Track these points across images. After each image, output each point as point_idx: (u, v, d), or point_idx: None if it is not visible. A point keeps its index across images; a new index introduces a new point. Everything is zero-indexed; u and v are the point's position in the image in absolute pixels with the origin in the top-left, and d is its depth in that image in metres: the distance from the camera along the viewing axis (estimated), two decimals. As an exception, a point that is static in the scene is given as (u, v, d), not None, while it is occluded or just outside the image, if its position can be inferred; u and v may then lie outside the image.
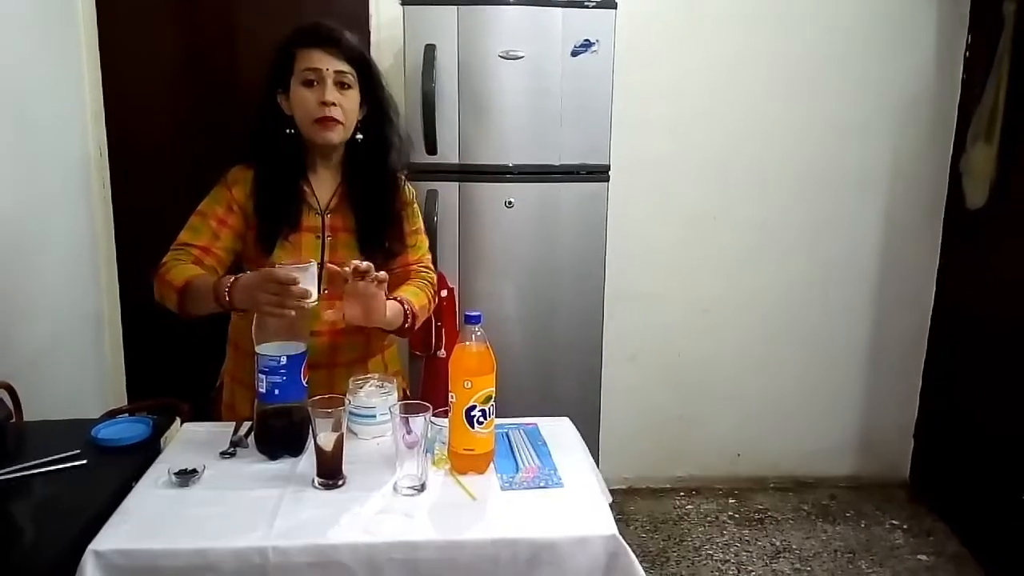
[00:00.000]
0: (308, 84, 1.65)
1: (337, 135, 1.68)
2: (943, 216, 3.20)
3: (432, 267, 1.91)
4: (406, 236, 1.82)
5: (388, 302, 1.63)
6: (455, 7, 2.40)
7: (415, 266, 1.85)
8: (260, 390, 1.48)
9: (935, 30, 3.07)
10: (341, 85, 1.66)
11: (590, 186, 2.54)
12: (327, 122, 1.66)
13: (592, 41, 2.44)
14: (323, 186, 1.75)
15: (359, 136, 1.73)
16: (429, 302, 1.80)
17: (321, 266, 1.69)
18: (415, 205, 1.88)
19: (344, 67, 1.66)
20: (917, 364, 3.34)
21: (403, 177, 1.84)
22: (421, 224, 1.88)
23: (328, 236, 1.73)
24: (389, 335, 1.81)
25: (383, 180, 1.77)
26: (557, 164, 2.51)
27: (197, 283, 1.56)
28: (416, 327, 1.72)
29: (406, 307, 1.67)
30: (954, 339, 3.16)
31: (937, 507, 3.17)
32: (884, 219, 3.22)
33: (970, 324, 3.04)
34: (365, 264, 1.54)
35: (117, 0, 2.79)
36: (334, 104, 1.64)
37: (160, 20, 2.86)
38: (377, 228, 1.75)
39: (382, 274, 1.57)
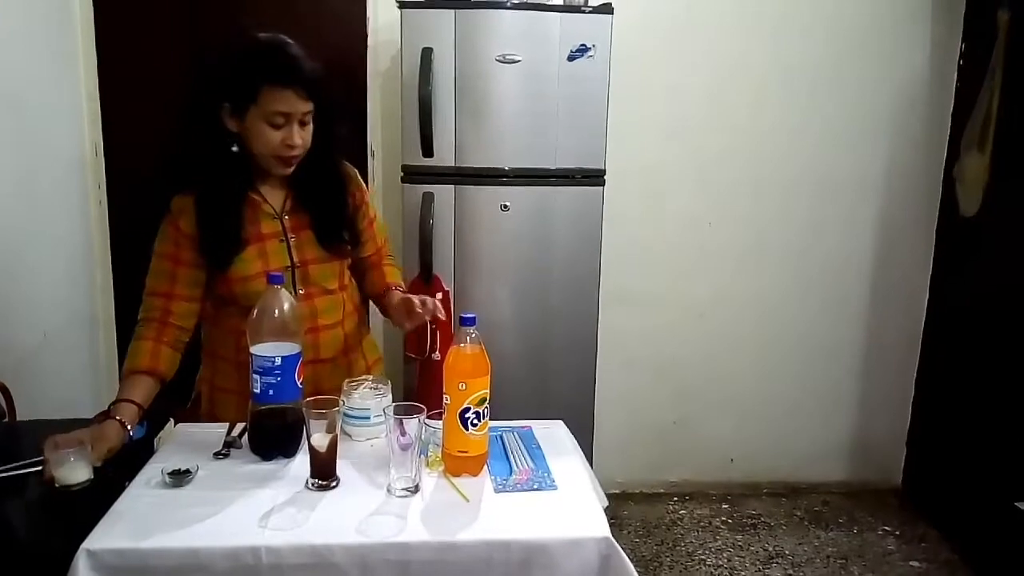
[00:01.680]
0: (274, 124, 1.60)
1: (294, 166, 1.68)
2: (936, 223, 3.22)
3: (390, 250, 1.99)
4: (368, 226, 1.86)
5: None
6: (452, 11, 2.40)
7: (383, 248, 1.94)
8: (254, 390, 1.48)
9: (929, 38, 3.09)
10: (302, 123, 1.63)
11: (586, 190, 2.55)
12: (289, 160, 1.65)
13: (589, 46, 2.44)
14: (273, 192, 1.73)
15: None
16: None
17: (293, 267, 1.72)
18: (367, 192, 1.89)
19: (308, 107, 1.62)
20: (910, 370, 3.36)
21: (347, 166, 1.83)
22: (375, 209, 1.93)
23: (292, 237, 1.73)
24: (364, 327, 1.91)
25: (332, 179, 1.77)
26: (553, 168, 2.52)
27: (126, 382, 1.61)
28: None
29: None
30: (947, 346, 3.18)
31: (930, 513, 3.18)
32: (878, 225, 3.24)
33: (963, 331, 3.05)
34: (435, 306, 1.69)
35: None
36: (299, 143, 1.63)
37: (157, 20, 2.86)
38: (334, 226, 1.77)
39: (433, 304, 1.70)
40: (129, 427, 1.53)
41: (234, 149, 1.64)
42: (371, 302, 1.96)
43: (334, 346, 1.79)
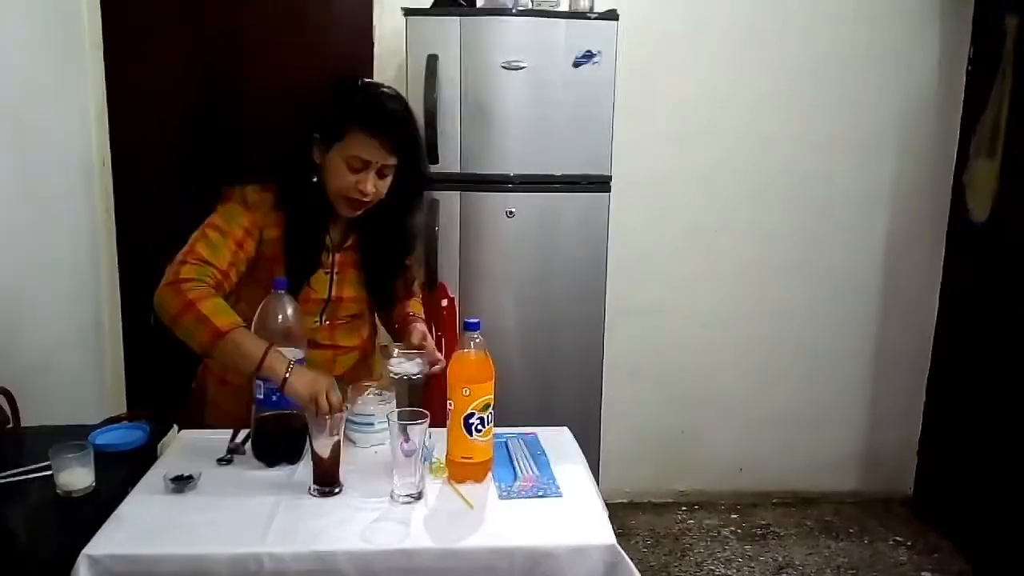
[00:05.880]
0: (351, 167, 1.61)
1: (360, 212, 1.69)
2: (946, 229, 3.19)
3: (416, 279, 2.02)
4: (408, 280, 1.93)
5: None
6: (458, 18, 2.41)
7: (412, 287, 1.97)
8: (258, 396, 1.48)
9: (937, 43, 3.08)
10: (381, 174, 1.64)
11: (591, 196, 2.54)
12: (356, 204, 1.65)
13: (594, 52, 2.44)
14: (336, 226, 1.76)
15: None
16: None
17: (328, 301, 1.74)
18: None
19: (391, 160, 1.63)
20: (921, 378, 3.32)
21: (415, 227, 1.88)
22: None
23: (336, 272, 1.75)
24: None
25: (401, 239, 1.81)
26: (558, 174, 2.51)
27: (240, 340, 1.46)
28: None
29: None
30: (958, 353, 3.15)
31: (942, 523, 3.14)
32: (887, 232, 3.22)
33: (974, 338, 3.02)
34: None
35: (122, 9, 2.81)
36: (371, 192, 1.63)
37: (165, 29, 2.87)
38: (385, 279, 1.82)
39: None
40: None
41: (314, 180, 1.65)
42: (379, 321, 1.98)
43: (348, 364, 1.82)
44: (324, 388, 1.42)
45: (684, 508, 3.30)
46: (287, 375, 1.43)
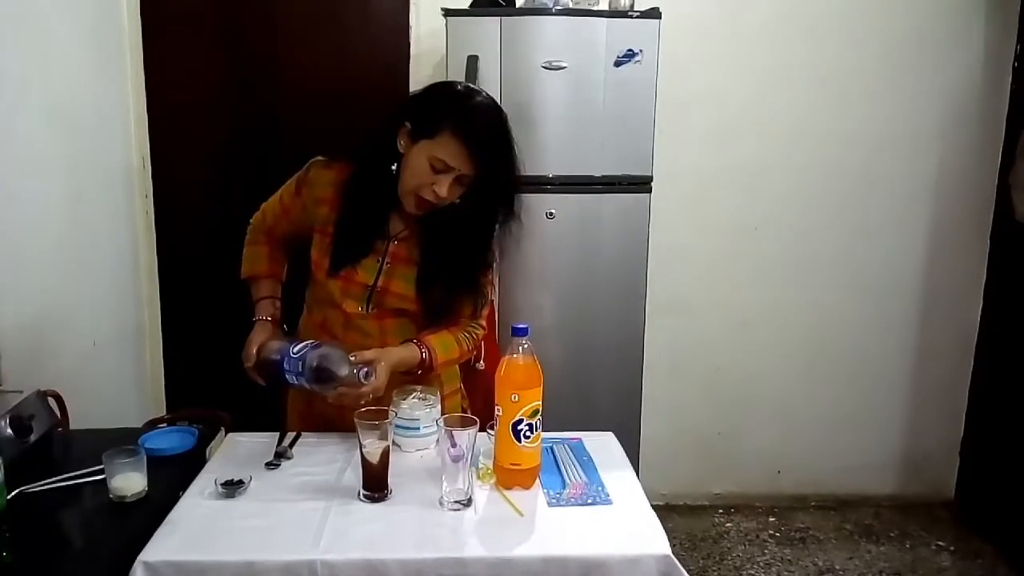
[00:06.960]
0: (433, 168, 1.56)
1: (424, 213, 1.64)
2: (991, 229, 3.13)
3: (483, 323, 1.82)
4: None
5: (406, 346, 1.63)
6: (498, 18, 2.39)
7: (469, 319, 1.78)
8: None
9: (983, 40, 3.01)
10: (460, 181, 1.59)
11: (632, 197, 2.52)
12: (424, 204, 1.61)
13: (636, 51, 2.42)
14: (397, 218, 1.71)
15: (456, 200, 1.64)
16: (462, 355, 1.75)
17: (374, 287, 1.67)
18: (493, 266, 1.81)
19: (472, 172, 1.57)
20: (963, 380, 3.26)
21: (497, 252, 1.76)
22: (489, 279, 1.82)
23: (388, 263, 1.69)
24: None
25: (472, 251, 1.70)
26: (599, 175, 2.49)
27: (252, 293, 1.79)
28: (434, 371, 1.68)
29: (423, 351, 1.64)
30: (1002, 353, 3.08)
31: (985, 528, 3.08)
32: (930, 231, 3.16)
33: (1018, 339, 2.96)
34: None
35: (161, 11, 2.83)
36: (442, 196, 1.59)
37: (203, 31, 2.89)
38: (439, 284, 1.69)
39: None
40: (269, 318, 1.73)
41: (392, 167, 1.62)
42: None
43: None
44: (248, 349, 1.64)
45: (721, 511, 3.27)
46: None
